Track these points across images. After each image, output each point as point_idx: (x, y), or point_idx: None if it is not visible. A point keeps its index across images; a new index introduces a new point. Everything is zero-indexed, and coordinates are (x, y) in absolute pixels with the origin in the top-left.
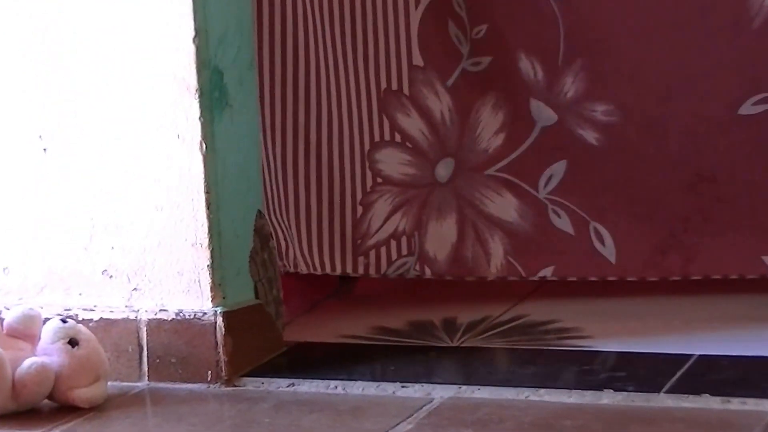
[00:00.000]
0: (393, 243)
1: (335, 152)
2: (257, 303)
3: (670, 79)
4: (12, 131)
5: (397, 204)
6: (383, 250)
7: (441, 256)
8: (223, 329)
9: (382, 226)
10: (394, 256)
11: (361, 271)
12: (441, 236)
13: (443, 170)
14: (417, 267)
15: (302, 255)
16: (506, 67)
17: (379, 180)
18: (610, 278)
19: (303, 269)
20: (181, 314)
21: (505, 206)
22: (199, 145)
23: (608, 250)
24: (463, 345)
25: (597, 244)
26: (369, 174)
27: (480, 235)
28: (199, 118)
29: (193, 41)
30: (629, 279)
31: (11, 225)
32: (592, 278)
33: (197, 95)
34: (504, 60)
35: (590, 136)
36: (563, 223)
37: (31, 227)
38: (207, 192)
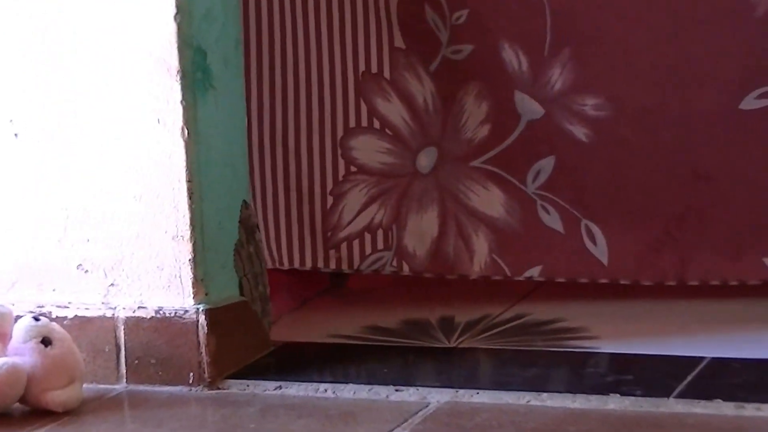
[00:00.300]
0: (367, 236)
1: (303, 139)
2: (242, 300)
3: (665, 71)
4: None
5: (373, 195)
6: (356, 243)
7: (420, 252)
8: (206, 328)
9: (355, 217)
10: (368, 250)
11: (332, 265)
12: (421, 230)
13: (425, 160)
14: (394, 262)
15: (269, 248)
16: (488, 57)
17: (353, 169)
18: (602, 281)
19: (269, 263)
20: (161, 312)
21: (490, 200)
22: (180, 131)
23: (600, 250)
24: (460, 346)
25: (588, 244)
26: (341, 162)
27: (463, 231)
28: (181, 102)
29: (174, 19)
30: (622, 282)
31: None
32: (583, 280)
33: (179, 77)
34: (486, 49)
35: (579, 131)
36: (552, 220)
37: (1, 218)
38: (189, 180)
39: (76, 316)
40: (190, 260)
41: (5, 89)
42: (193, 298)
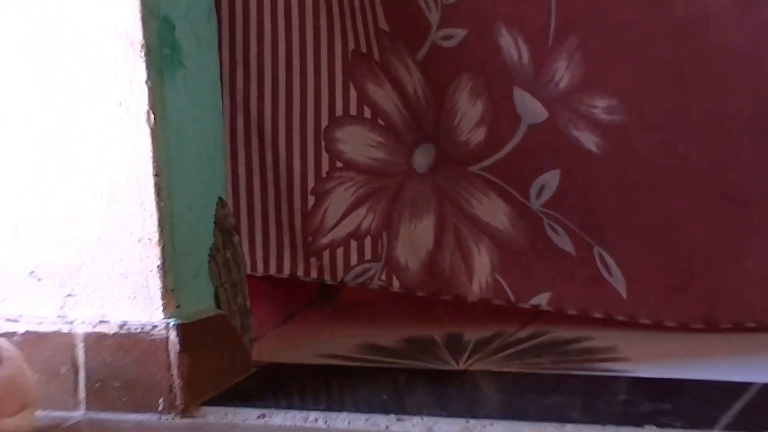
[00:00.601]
0: (353, 244)
1: (281, 128)
2: (219, 313)
3: (688, 67)
4: None
5: (361, 195)
6: (340, 251)
7: (413, 265)
8: (178, 346)
9: (339, 221)
10: (354, 260)
11: (314, 275)
12: (414, 239)
13: (422, 157)
14: (383, 276)
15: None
16: (483, 44)
17: (339, 164)
18: (619, 317)
19: None
20: (126, 327)
21: (494, 209)
22: (146, 116)
23: (617, 279)
24: (471, 368)
25: (603, 272)
26: (325, 156)
27: (462, 243)
28: (146, 82)
29: None
30: (642, 321)
31: None
32: (597, 315)
33: (143, 53)
34: (480, 35)
35: (589, 140)
36: (562, 240)
37: None
38: (156, 174)
39: (27, 331)
40: (158, 267)
41: None
42: (163, 311)
